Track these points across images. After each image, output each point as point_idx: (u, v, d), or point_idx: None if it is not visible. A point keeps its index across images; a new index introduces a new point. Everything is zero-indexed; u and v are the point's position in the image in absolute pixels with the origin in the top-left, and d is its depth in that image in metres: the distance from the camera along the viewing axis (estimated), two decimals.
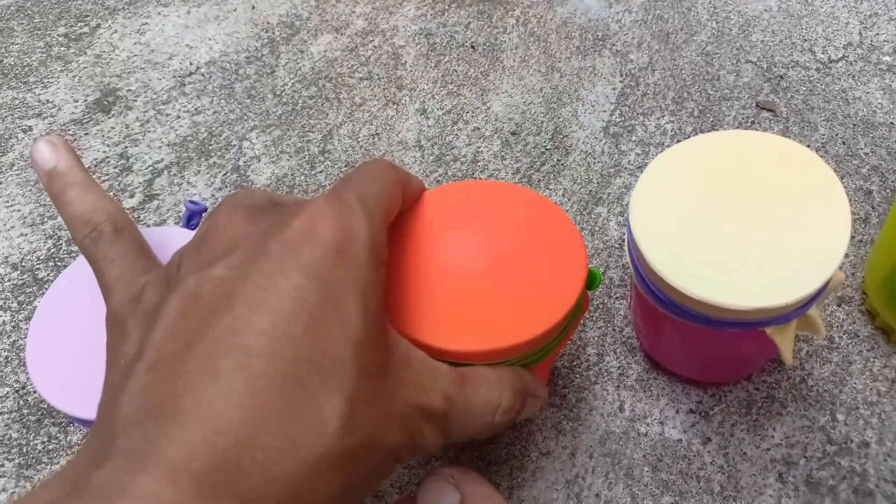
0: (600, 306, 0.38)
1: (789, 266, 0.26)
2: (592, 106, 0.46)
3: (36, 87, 0.52)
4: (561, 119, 0.46)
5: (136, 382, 0.19)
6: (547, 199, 0.30)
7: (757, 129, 0.44)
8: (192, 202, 0.31)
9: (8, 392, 0.38)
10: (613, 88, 0.47)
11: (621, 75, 0.48)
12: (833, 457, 0.33)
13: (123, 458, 0.17)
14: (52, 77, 0.52)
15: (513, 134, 0.46)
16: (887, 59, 0.47)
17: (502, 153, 0.45)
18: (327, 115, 0.48)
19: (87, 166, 0.45)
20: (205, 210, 0.31)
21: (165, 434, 0.17)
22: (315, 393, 0.19)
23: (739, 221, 0.28)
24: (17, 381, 0.38)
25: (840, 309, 0.37)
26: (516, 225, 0.29)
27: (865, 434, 0.33)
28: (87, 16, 0.56)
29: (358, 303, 0.20)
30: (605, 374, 0.36)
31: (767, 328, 0.27)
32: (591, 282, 0.30)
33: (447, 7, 0.53)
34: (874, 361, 0.35)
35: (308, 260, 0.20)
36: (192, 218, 0.31)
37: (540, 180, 0.43)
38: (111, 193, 0.45)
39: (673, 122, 0.45)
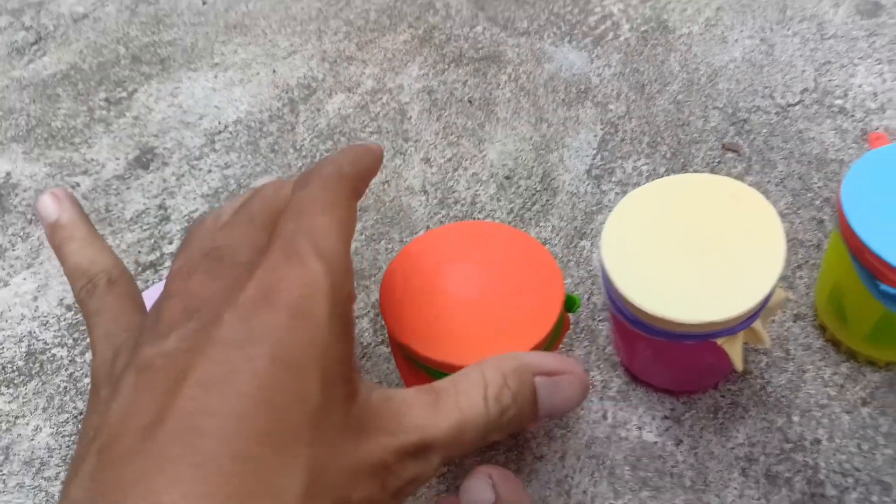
0: (585, 328, 0.43)
1: (733, 287, 0.32)
2: (577, 151, 0.52)
3: (81, 147, 0.58)
4: (549, 164, 0.52)
5: (87, 466, 0.18)
6: (531, 237, 0.36)
7: (723, 168, 0.50)
8: None
9: (68, 418, 0.43)
10: (595, 135, 0.53)
11: (602, 123, 0.54)
12: (789, 453, 0.37)
13: None
14: (95, 137, 0.59)
15: (507, 178, 0.51)
16: (839, 102, 0.53)
17: (498, 195, 0.50)
18: None
19: (129, 217, 0.52)
20: None
21: None
22: (269, 471, 0.18)
23: (695, 250, 0.33)
24: (75, 407, 0.44)
25: (796, 324, 0.42)
26: (505, 259, 0.35)
27: (817, 433, 0.38)
28: (125, 81, 0.63)
29: (316, 367, 0.20)
30: (591, 387, 0.41)
31: (718, 339, 0.33)
32: (571, 306, 0.35)
33: (447, 66, 0.60)
34: (825, 370, 0.40)
35: (263, 328, 0.19)
36: None
37: (531, 218, 0.49)
38: (152, 241, 0.51)
39: (648, 164, 0.51)
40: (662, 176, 0.50)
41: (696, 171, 0.50)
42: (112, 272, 0.26)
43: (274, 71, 0.62)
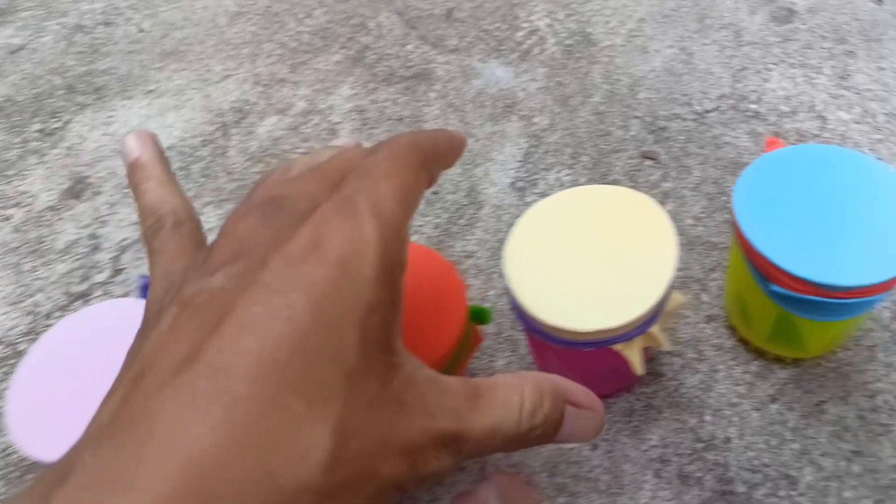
0: (508, 338, 0.44)
1: (625, 295, 0.33)
2: (502, 165, 0.53)
3: (14, 180, 0.58)
4: (475, 178, 0.53)
5: (118, 394, 0.18)
6: (433, 253, 0.36)
7: (641, 176, 0.51)
8: (144, 276, 0.37)
9: None
10: (520, 148, 0.54)
11: (526, 137, 0.55)
12: (701, 452, 0.38)
13: (88, 476, 0.17)
14: (28, 169, 0.59)
15: (434, 193, 0.52)
16: (753, 106, 0.54)
17: (424, 211, 0.51)
18: None
19: (60, 248, 0.52)
20: None
21: (135, 456, 0.16)
22: (299, 422, 0.18)
23: (590, 260, 0.34)
24: (2, 442, 0.44)
25: (708, 326, 0.43)
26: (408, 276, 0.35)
27: (728, 431, 0.39)
28: (60, 112, 0.63)
29: (357, 326, 0.19)
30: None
31: (616, 345, 0.34)
32: (482, 318, 0.36)
33: (378, 86, 0.61)
34: (736, 369, 0.41)
35: (307, 278, 0.19)
36: (145, 289, 0.37)
37: (457, 232, 0.50)
38: (83, 271, 0.51)
39: (570, 174, 0.52)
40: (583, 185, 0.51)
41: (615, 180, 0.51)
42: (180, 213, 0.26)
43: (207, 96, 0.62)
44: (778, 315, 0.37)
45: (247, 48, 0.66)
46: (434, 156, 0.25)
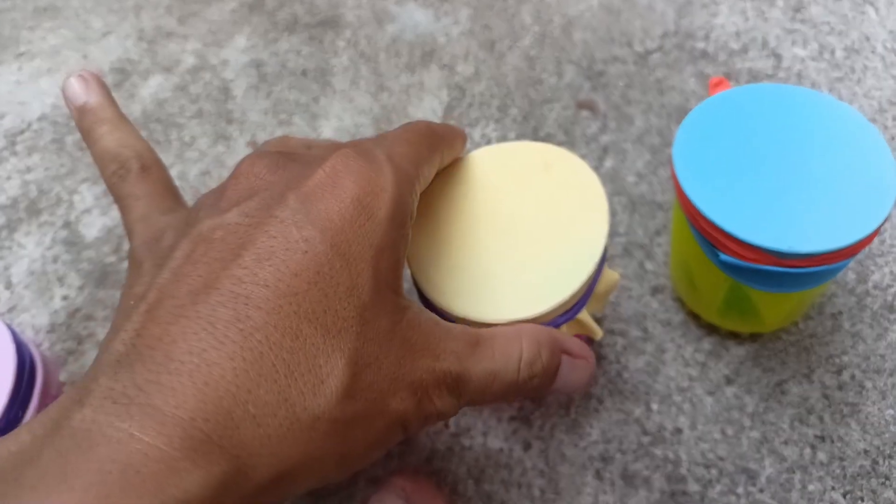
0: None
1: (546, 277, 0.27)
2: None
3: None
4: None
5: (132, 323, 0.18)
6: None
7: (577, 129, 0.45)
8: None
9: None
10: (440, 102, 0.48)
11: (448, 88, 0.48)
12: (648, 447, 0.33)
13: (107, 399, 0.16)
14: None
15: None
16: (700, 45, 0.48)
17: None
18: None
19: None
20: None
21: (154, 380, 0.17)
22: (315, 351, 0.18)
23: (504, 235, 0.28)
24: None
25: (654, 298, 0.38)
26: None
27: (678, 421, 0.34)
28: None
29: (370, 264, 0.20)
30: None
31: None
32: None
33: (279, 35, 0.53)
34: (686, 347, 0.36)
35: (324, 213, 0.20)
36: None
37: None
38: None
39: (497, 129, 0.46)
40: (512, 141, 0.45)
41: (549, 135, 0.45)
42: (144, 157, 0.25)
43: (85, 56, 0.54)
44: (730, 286, 0.31)
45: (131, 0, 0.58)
46: (445, 141, 0.27)
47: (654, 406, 0.34)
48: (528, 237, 0.28)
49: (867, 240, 0.27)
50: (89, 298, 0.41)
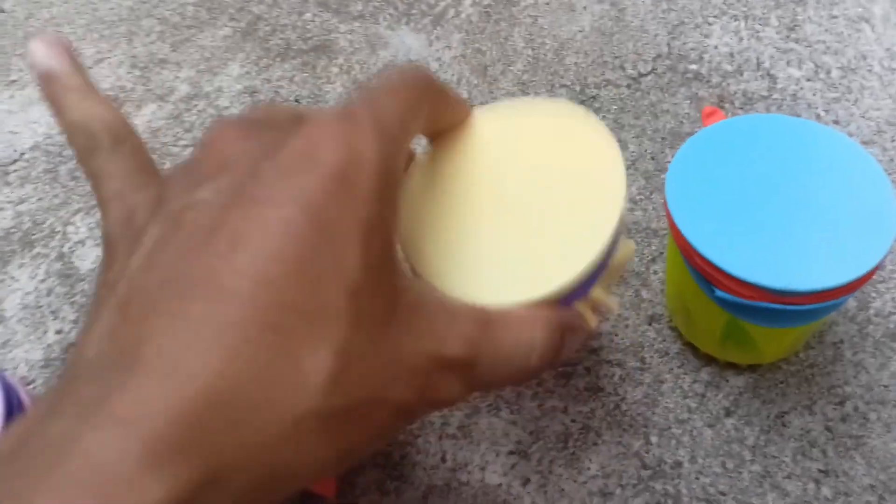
0: None
1: (554, 253, 0.23)
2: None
3: None
4: None
5: (103, 322, 0.17)
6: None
7: None
8: None
9: None
10: None
11: None
12: (647, 482, 0.33)
13: (79, 408, 0.15)
14: None
15: None
16: (694, 66, 0.48)
17: None
18: None
19: None
20: None
21: (119, 386, 0.15)
22: (298, 344, 0.17)
23: (507, 205, 0.25)
24: None
25: (651, 328, 0.37)
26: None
27: (678, 454, 0.34)
28: None
29: (358, 241, 0.18)
30: (428, 424, 0.36)
31: None
32: None
33: (272, 62, 0.53)
34: (684, 378, 0.36)
35: (303, 188, 0.18)
36: None
37: None
38: None
39: None
40: None
41: None
42: (116, 129, 0.23)
43: None
44: (727, 320, 0.31)
45: (123, 26, 0.58)
46: (441, 95, 0.24)
47: (654, 439, 0.34)
48: (535, 207, 0.24)
49: (867, 276, 0.27)
50: None
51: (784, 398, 0.34)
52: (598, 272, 0.24)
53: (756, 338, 0.32)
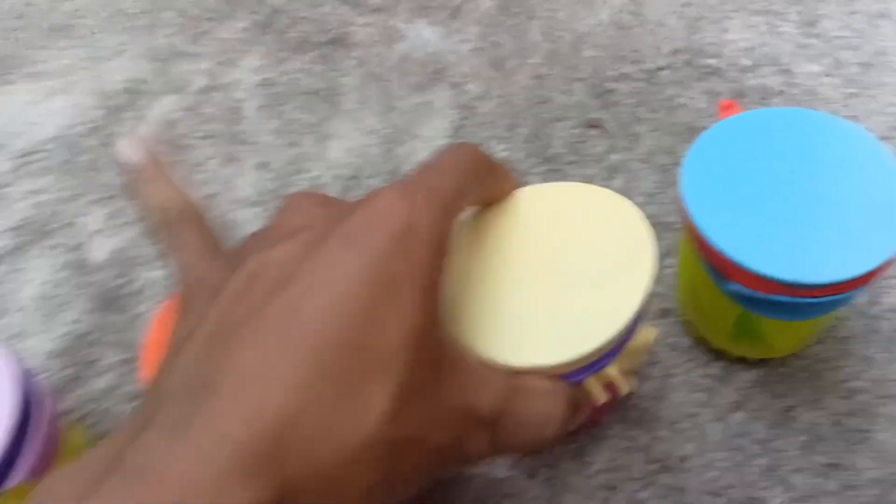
0: None
1: (573, 327, 0.24)
2: (429, 142, 0.47)
3: None
4: (398, 158, 0.46)
5: (187, 352, 0.19)
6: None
7: (586, 148, 0.44)
8: None
9: None
10: (450, 122, 0.48)
11: (457, 107, 0.48)
12: (654, 475, 0.33)
13: (166, 426, 0.17)
14: None
15: (352, 178, 0.46)
16: (711, 61, 0.48)
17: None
18: None
19: None
20: None
21: (209, 405, 0.17)
22: (363, 379, 0.19)
23: (535, 278, 0.26)
24: None
25: (662, 322, 0.37)
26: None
27: (685, 448, 0.34)
28: None
29: (416, 297, 0.20)
30: None
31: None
32: None
33: (289, 55, 0.54)
34: (693, 372, 0.35)
35: (370, 247, 0.20)
36: None
37: None
38: None
39: (507, 148, 0.45)
40: (522, 161, 0.45)
41: (556, 154, 0.44)
42: (190, 210, 0.26)
43: (98, 76, 0.55)
44: (739, 313, 0.31)
45: (144, 18, 0.58)
46: (491, 172, 0.26)
47: (662, 433, 0.34)
48: (564, 284, 0.25)
49: (880, 269, 0.27)
50: (96, 323, 0.41)
51: (793, 392, 0.34)
52: (612, 352, 0.25)
53: (767, 331, 0.32)
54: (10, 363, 0.29)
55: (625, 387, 0.28)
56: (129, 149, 0.28)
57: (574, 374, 0.25)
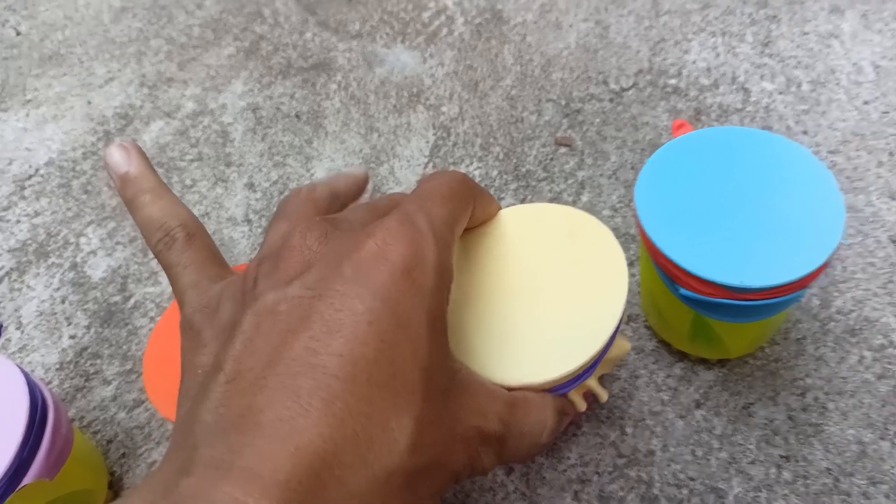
0: None
1: (559, 345, 0.26)
2: (408, 161, 0.49)
3: None
4: (379, 177, 0.49)
5: (216, 394, 0.20)
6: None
7: (556, 165, 0.47)
8: None
9: None
10: (427, 142, 0.50)
11: (434, 128, 0.51)
12: (622, 469, 0.35)
13: (209, 467, 0.18)
14: None
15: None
16: (673, 81, 0.51)
17: None
18: None
19: None
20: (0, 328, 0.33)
21: (249, 445, 0.18)
22: (387, 414, 0.20)
23: (522, 299, 0.28)
24: None
25: (628, 326, 0.40)
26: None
27: (651, 443, 0.36)
28: None
29: (426, 329, 0.21)
30: None
31: None
32: None
33: (273, 80, 0.56)
34: (658, 373, 0.38)
35: (380, 283, 0.21)
36: None
37: None
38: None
39: (481, 167, 0.48)
40: (495, 179, 0.47)
41: (529, 171, 0.47)
42: (189, 225, 0.26)
43: (89, 102, 0.57)
44: (694, 317, 0.34)
45: (132, 46, 0.61)
46: (478, 196, 0.28)
47: (629, 430, 0.36)
48: (546, 303, 0.28)
49: (815, 273, 0.29)
50: (96, 337, 0.43)
51: (750, 390, 0.37)
52: (593, 365, 0.28)
53: (721, 333, 0.34)
54: (21, 373, 0.31)
55: (603, 395, 0.31)
56: (120, 156, 0.27)
57: (560, 388, 0.27)
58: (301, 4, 0.61)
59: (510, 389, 0.26)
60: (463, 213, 0.26)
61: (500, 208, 0.30)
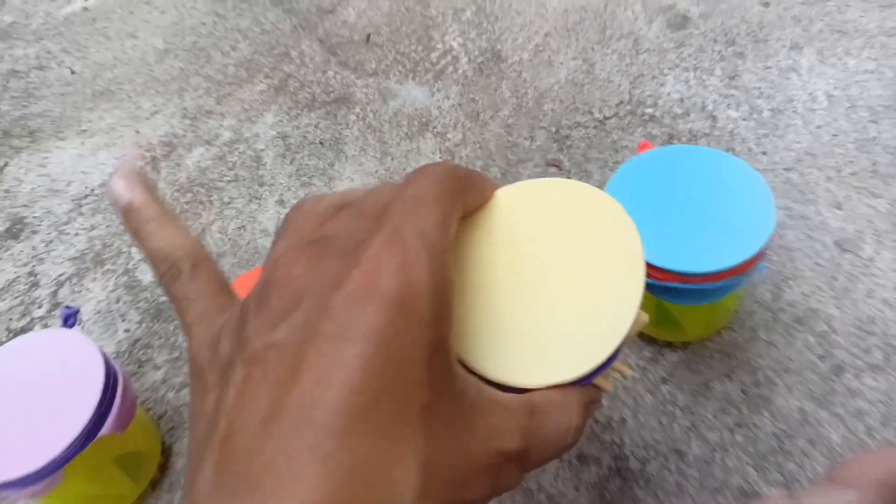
0: None
1: (583, 337, 0.24)
2: None
3: None
4: None
5: (211, 457, 0.19)
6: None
7: None
8: (66, 307, 0.39)
9: None
10: None
11: (440, 152, 0.58)
12: (598, 434, 0.42)
13: None
14: None
15: None
16: (649, 110, 0.58)
17: None
18: (201, 215, 0.57)
19: (0, 287, 0.54)
20: (76, 313, 0.40)
21: (253, 501, 0.17)
22: (389, 465, 0.19)
23: (535, 290, 0.25)
24: None
25: None
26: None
27: (623, 413, 0.42)
28: None
29: (424, 364, 0.20)
30: None
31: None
32: None
33: (300, 112, 0.64)
34: (630, 356, 0.44)
35: (371, 323, 0.19)
36: (67, 319, 0.40)
37: None
38: (22, 307, 0.53)
39: None
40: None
41: None
42: (194, 255, 0.25)
43: (137, 132, 0.65)
44: (655, 303, 0.40)
45: (174, 84, 0.69)
46: (469, 186, 0.25)
47: (605, 402, 0.43)
48: (560, 291, 0.25)
49: (750, 261, 0.36)
50: (147, 331, 0.50)
51: (710, 369, 0.43)
52: (620, 347, 0.24)
53: (678, 316, 0.41)
54: (96, 347, 0.38)
55: (628, 371, 0.28)
56: (123, 185, 0.26)
57: (586, 378, 0.24)
58: (324, 47, 0.69)
59: (532, 391, 0.24)
60: (456, 209, 0.23)
61: (496, 188, 0.27)
